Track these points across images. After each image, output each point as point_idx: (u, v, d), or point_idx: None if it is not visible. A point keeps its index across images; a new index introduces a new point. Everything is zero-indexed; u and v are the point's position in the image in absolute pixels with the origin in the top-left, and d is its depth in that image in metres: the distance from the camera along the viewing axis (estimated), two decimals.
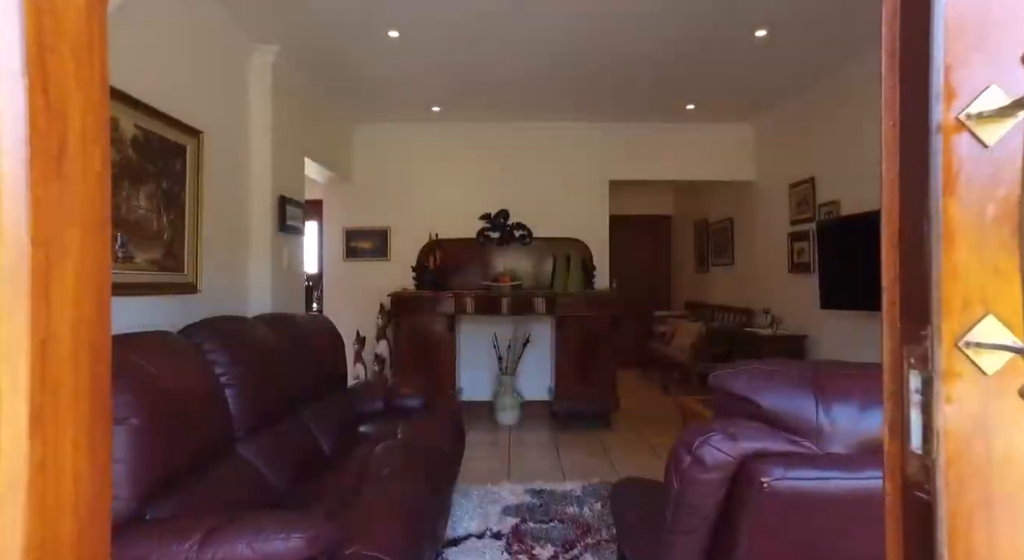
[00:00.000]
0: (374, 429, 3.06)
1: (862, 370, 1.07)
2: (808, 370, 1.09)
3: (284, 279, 3.77)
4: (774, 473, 0.95)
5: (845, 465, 0.96)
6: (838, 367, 1.09)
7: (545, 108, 5.01)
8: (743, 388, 1.06)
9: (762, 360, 1.15)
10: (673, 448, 1.09)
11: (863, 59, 3.76)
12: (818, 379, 1.04)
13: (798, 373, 1.07)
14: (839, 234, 3.91)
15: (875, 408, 1.01)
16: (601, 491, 3.34)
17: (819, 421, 1.00)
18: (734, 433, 1.01)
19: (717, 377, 1.12)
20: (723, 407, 1.12)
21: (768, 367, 1.09)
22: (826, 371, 1.07)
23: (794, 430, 1.01)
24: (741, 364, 1.14)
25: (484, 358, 5.43)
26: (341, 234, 5.56)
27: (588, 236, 5.45)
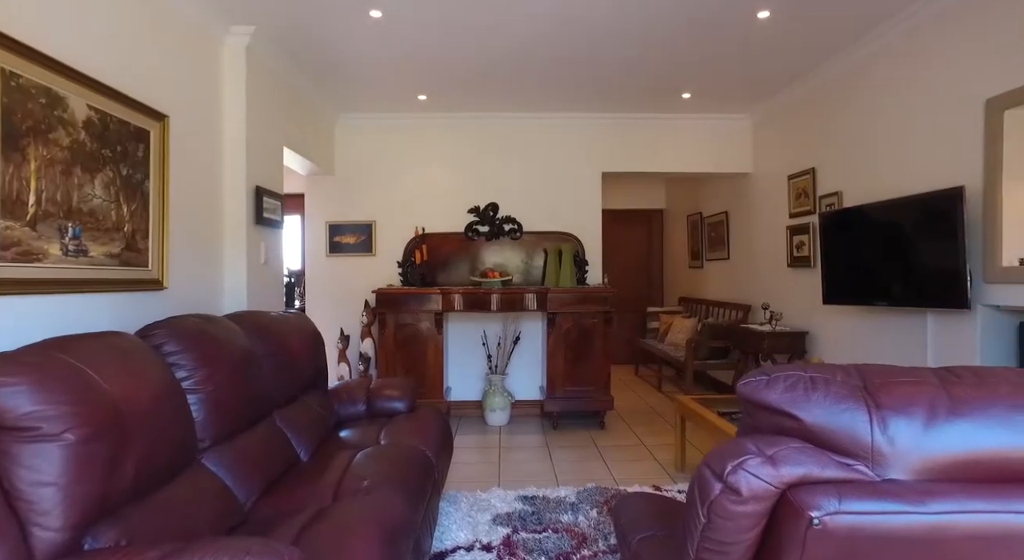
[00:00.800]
0: (355, 434, 2.88)
1: (918, 376, 0.90)
2: (855, 376, 0.92)
3: (262, 275, 3.57)
4: (825, 505, 0.79)
5: (910, 496, 0.79)
6: (889, 373, 0.92)
7: (536, 97, 4.82)
8: (780, 399, 0.89)
9: (794, 364, 0.98)
10: (698, 473, 0.92)
11: (869, 40, 3.61)
12: (870, 387, 0.88)
13: (844, 380, 0.91)
14: (842, 227, 3.77)
15: (943, 424, 0.85)
16: (596, 497, 3.18)
17: (875, 440, 0.84)
18: (774, 456, 0.84)
19: (748, 386, 0.95)
20: (753, 421, 0.95)
21: (808, 373, 0.92)
22: (878, 378, 0.90)
23: (844, 451, 0.85)
24: (772, 369, 0.97)
25: (473, 357, 5.25)
26: (324, 228, 5.36)
27: (580, 230, 5.28)
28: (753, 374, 0.97)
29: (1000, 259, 2.79)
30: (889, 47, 3.52)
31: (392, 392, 3.29)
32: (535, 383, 5.26)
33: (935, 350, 3.18)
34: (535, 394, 5.23)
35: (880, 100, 3.61)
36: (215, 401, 1.97)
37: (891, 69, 3.52)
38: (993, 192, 2.81)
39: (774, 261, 4.89)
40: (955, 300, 2.92)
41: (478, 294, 4.75)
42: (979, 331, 2.92)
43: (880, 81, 3.61)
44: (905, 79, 3.40)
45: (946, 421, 0.83)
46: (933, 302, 3.07)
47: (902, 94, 3.43)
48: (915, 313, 3.31)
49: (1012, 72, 2.74)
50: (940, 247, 3.02)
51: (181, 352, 1.95)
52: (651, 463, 3.85)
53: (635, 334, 7.32)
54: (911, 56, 3.35)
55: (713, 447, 2.98)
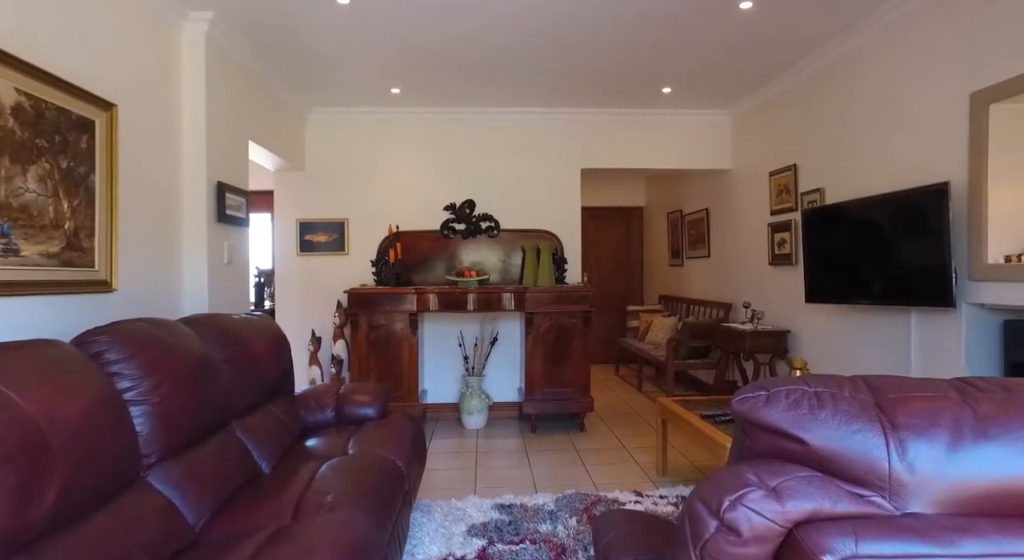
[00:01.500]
0: (323, 443, 2.73)
1: (936, 390, 0.80)
2: (864, 390, 0.81)
3: (225, 275, 3.39)
4: (840, 548, 0.67)
5: (938, 534, 0.68)
6: (902, 386, 0.81)
7: (514, 91, 4.69)
8: (782, 419, 0.78)
9: (798, 376, 0.86)
10: (689, 508, 0.80)
11: (852, 33, 3.54)
12: (883, 404, 0.77)
13: (852, 394, 0.79)
14: (824, 224, 3.71)
15: (970, 447, 0.74)
16: (576, 504, 3.07)
17: (892, 467, 0.73)
18: (778, 488, 0.72)
19: (745, 403, 0.83)
20: (751, 443, 0.83)
21: (812, 387, 0.81)
22: (890, 392, 0.79)
23: (858, 480, 0.73)
24: (770, 382, 0.85)
25: (449, 358, 5.11)
26: (294, 226, 5.17)
27: (559, 228, 5.17)
28: (750, 389, 0.85)
29: (985, 256, 2.73)
30: (872, 41, 3.45)
31: (362, 397, 3.14)
32: (513, 385, 5.14)
33: (919, 349, 3.12)
34: (513, 396, 5.10)
35: (863, 95, 3.55)
36: (163, 413, 1.81)
37: (874, 63, 3.46)
38: (978, 188, 2.76)
39: (755, 259, 4.82)
40: (940, 298, 2.86)
41: (454, 294, 4.61)
42: (964, 329, 2.87)
43: (863, 75, 3.55)
44: (888, 73, 3.34)
45: (973, 444, 0.73)
46: (918, 300, 3.01)
47: (885, 88, 3.37)
48: (899, 312, 3.26)
49: (997, 66, 2.68)
50: (924, 244, 2.96)
51: (125, 360, 1.78)
52: (632, 466, 3.75)
53: (615, 333, 7.24)
54: (894, 50, 3.30)
55: (695, 444, 2.86)
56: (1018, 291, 2.61)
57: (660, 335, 5.85)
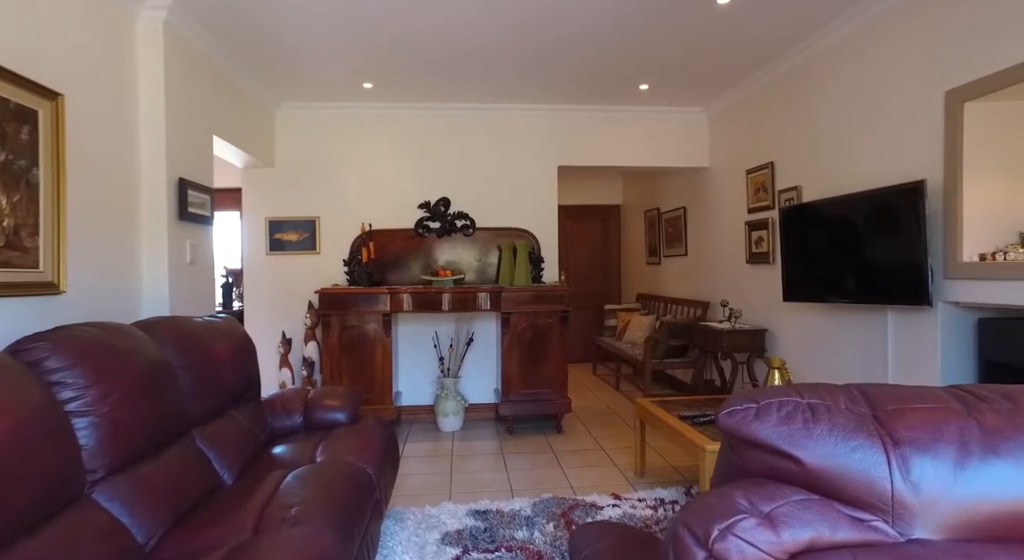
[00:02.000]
0: (290, 450, 2.61)
1: (936, 400, 0.73)
2: (860, 401, 0.74)
3: (188, 276, 3.25)
4: None
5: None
6: (900, 396, 0.75)
7: (489, 87, 4.60)
8: (774, 434, 0.71)
9: (788, 385, 0.80)
10: (673, 535, 0.72)
11: (828, 30, 3.53)
12: (881, 416, 0.70)
13: (848, 406, 0.73)
14: (802, 222, 3.69)
15: (978, 464, 0.68)
16: (553, 508, 3.00)
17: (895, 487, 0.66)
18: (772, 515, 0.66)
19: (733, 417, 0.76)
20: (740, 460, 0.76)
21: (805, 399, 0.74)
22: (888, 403, 0.73)
23: (857, 502, 0.67)
24: (758, 393, 0.78)
25: (424, 360, 5.01)
26: (264, 225, 5.01)
27: (536, 226, 5.10)
28: (737, 400, 0.78)
29: (960, 254, 2.73)
30: (848, 38, 3.44)
31: (332, 402, 3.02)
32: (490, 386, 5.06)
33: (895, 347, 3.12)
34: (490, 397, 5.02)
35: (839, 92, 3.54)
36: (111, 424, 1.68)
37: (850, 61, 3.44)
38: (954, 186, 2.75)
39: (733, 257, 4.81)
40: (916, 297, 2.85)
41: (429, 294, 4.50)
42: (939, 328, 2.86)
43: (839, 73, 3.54)
44: (865, 71, 3.33)
45: (982, 461, 0.67)
46: (894, 299, 3.00)
47: (862, 86, 3.36)
48: (875, 310, 3.25)
49: (971, 64, 2.68)
50: (901, 243, 2.95)
51: (67, 368, 1.66)
52: (610, 469, 3.70)
53: (592, 332, 7.20)
54: (871, 47, 3.28)
55: (673, 445, 2.79)
56: (992, 289, 2.61)
57: (638, 334, 5.82)
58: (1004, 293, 2.55)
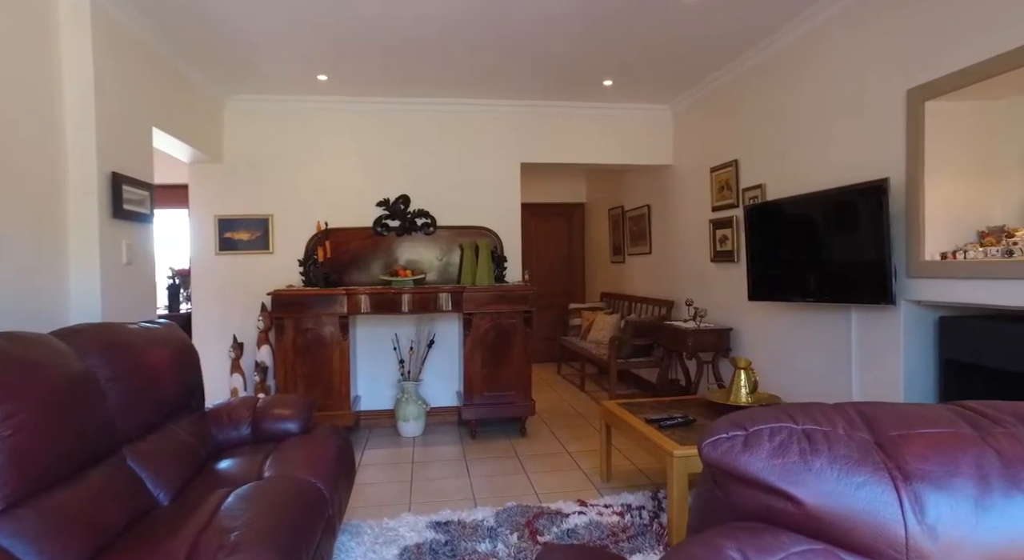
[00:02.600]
0: (235, 465, 2.43)
1: (943, 423, 0.65)
2: (859, 424, 0.65)
3: (124, 278, 3.02)
4: None
5: None
6: (902, 418, 0.66)
7: (449, 82, 4.46)
8: (767, 469, 0.61)
9: (778, 407, 0.70)
10: None
11: (791, 27, 3.51)
12: (885, 444, 0.61)
13: (848, 432, 0.64)
14: (766, 220, 3.67)
15: (1002, 501, 0.59)
16: (517, 517, 2.90)
17: (909, 532, 0.57)
18: None
19: (718, 447, 0.66)
20: (727, 496, 0.66)
21: (800, 425, 0.65)
22: (891, 427, 0.64)
23: (866, 550, 0.57)
24: (746, 417, 0.69)
25: (384, 363, 4.84)
26: (213, 223, 4.76)
27: (498, 224, 4.98)
28: (723, 426, 0.68)
29: (923, 253, 2.73)
30: (811, 35, 3.43)
31: (283, 411, 2.85)
32: (452, 389, 4.92)
33: (859, 346, 3.11)
34: (452, 400, 4.89)
35: (803, 90, 3.52)
36: (14, 450, 1.49)
37: (813, 58, 3.43)
38: (916, 185, 2.75)
39: (697, 256, 4.79)
40: (880, 296, 2.84)
41: (388, 294, 4.34)
42: (902, 327, 2.86)
43: (803, 71, 3.52)
44: (828, 68, 3.32)
45: (1006, 497, 0.58)
46: (858, 298, 2.99)
47: (825, 84, 3.34)
48: (840, 309, 3.24)
49: (932, 62, 2.67)
50: (865, 241, 2.94)
51: None
52: (575, 473, 3.61)
53: (557, 331, 7.13)
54: (833, 45, 3.27)
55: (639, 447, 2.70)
56: (953, 288, 2.61)
57: (602, 333, 5.76)
58: (964, 292, 2.56)
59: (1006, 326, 2.47)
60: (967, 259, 2.57)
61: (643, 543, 2.62)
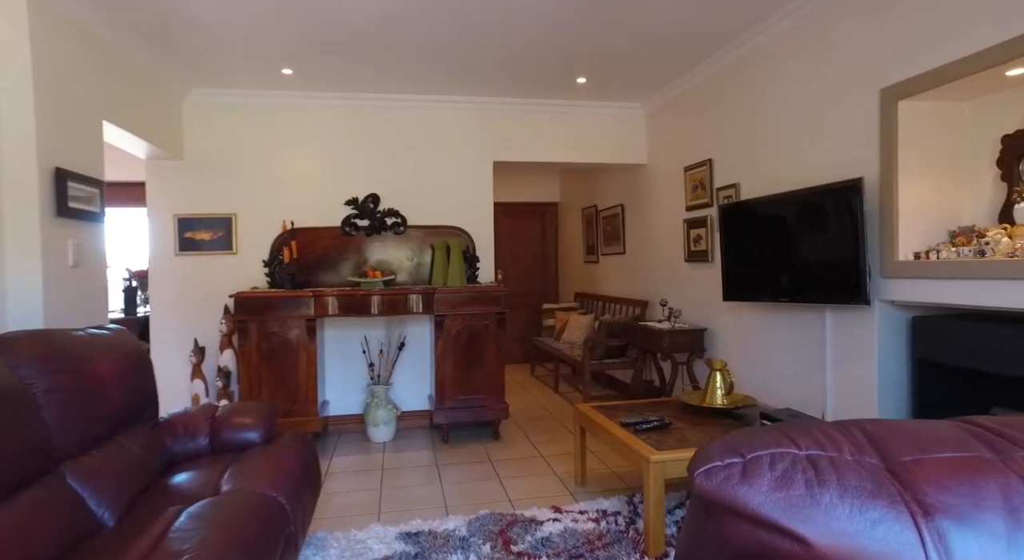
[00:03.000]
0: (191, 479, 2.29)
1: (959, 445, 0.58)
2: (867, 448, 0.58)
3: (70, 280, 2.84)
4: None
5: None
6: (911, 437, 0.59)
7: (419, 77, 4.34)
8: (770, 503, 0.53)
9: (776, 429, 0.62)
10: None
11: (766, 26, 3.48)
12: (899, 472, 0.54)
13: (856, 458, 0.56)
14: (740, 220, 3.65)
15: None
16: (490, 526, 2.81)
17: None
18: None
19: (711, 476, 0.58)
20: (718, 531, 0.58)
21: (803, 450, 0.57)
22: (903, 451, 0.57)
23: None
24: (740, 439, 0.61)
25: (353, 366, 4.70)
26: (172, 222, 4.56)
27: (470, 224, 4.88)
28: (717, 452, 0.60)
29: (897, 253, 2.71)
30: (785, 34, 3.41)
31: (244, 420, 2.71)
32: (423, 392, 4.81)
33: (833, 347, 3.10)
34: (423, 404, 4.77)
35: (777, 88, 3.50)
36: None
37: (787, 57, 3.41)
38: (889, 184, 2.73)
39: (671, 256, 4.75)
40: (855, 296, 2.82)
41: (356, 296, 4.21)
42: (876, 327, 2.85)
43: (776, 69, 3.50)
44: (802, 67, 3.30)
45: None
46: (833, 298, 2.97)
47: (799, 82, 3.32)
48: (814, 309, 3.23)
49: (905, 62, 2.66)
50: (839, 241, 2.92)
51: None
52: (549, 478, 3.54)
53: (530, 332, 7.06)
54: (808, 43, 3.25)
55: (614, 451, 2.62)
56: (927, 288, 2.60)
57: (576, 334, 5.70)
58: (937, 292, 2.55)
59: (977, 326, 2.47)
60: (940, 259, 2.56)
61: (619, 551, 2.55)
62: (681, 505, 2.99)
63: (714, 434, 2.77)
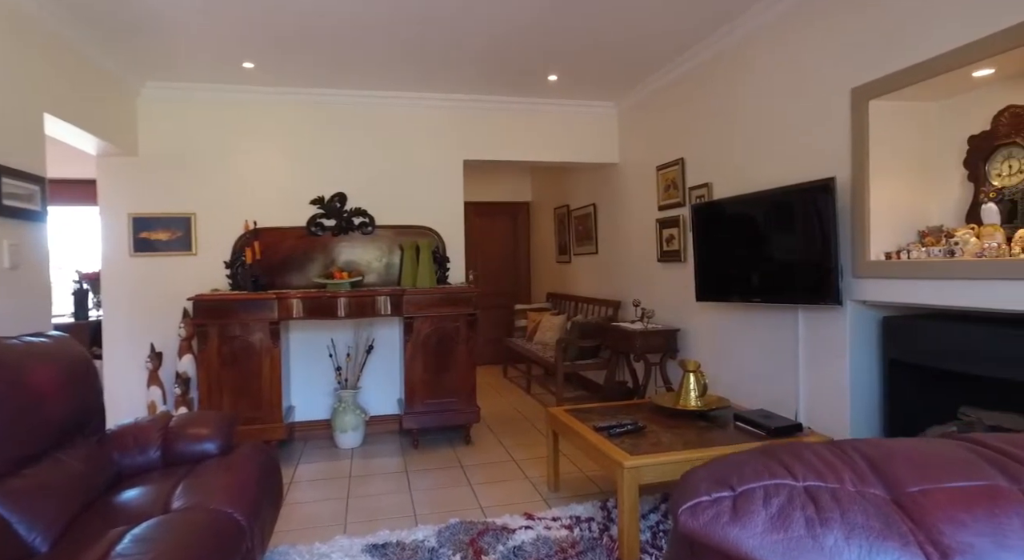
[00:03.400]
0: (140, 495, 2.15)
1: (970, 471, 0.52)
2: (870, 478, 0.51)
3: (8, 284, 2.66)
4: None
5: None
6: (916, 463, 0.53)
7: (387, 73, 4.22)
8: (764, 548, 0.46)
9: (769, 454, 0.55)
10: None
11: (738, 24, 3.46)
12: (907, 505, 0.47)
13: (859, 488, 0.49)
14: (712, 220, 3.62)
15: None
16: (460, 536, 2.72)
17: None
18: None
19: (697, 515, 0.50)
20: None
21: (800, 481, 0.50)
22: (908, 480, 0.50)
23: None
24: (729, 468, 0.53)
25: (320, 370, 4.56)
26: (127, 222, 4.35)
27: (441, 224, 4.77)
28: (703, 484, 0.52)
29: (868, 253, 2.71)
30: (757, 33, 3.39)
31: (200, 430, 2.57)
32: (393, 396, 4.69)
33: (806, 347, 3.08)
34: (393, 409, 4.65)
35: (749, 87, 3.48)
36: None
37: (759, 55, 3.39)
38: (861, 184, 2.72)
39: (644, 255, 4.72)
40: (827, 296, 2.81)
41: (322, 298, 4.07)
42: (848, 327, 2.84)
43: (748, 68, 3.48)
44: (774, 66, 3.28)
45: None
46: (805, 298, 2.96)
47: (771, 81, 3.31)
48: (787, 309, 3.21)
49: (877, 61, 2.65)
50: (812, 241, 2.91)
51: None
52: (522, 483, 3.46)
53: (502, 333, 6.97)
54: (780, 42, 3.23)
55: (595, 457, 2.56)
56: (897, 288, 2.59)
57: (549, 334, 5.64)
58: (907, 292, 2.54)
59: (945, 326, 2.47)
60: (911, 259, 2.56)
61: (593, 559, 2.49)
62: (655, 509, 2.95)
63: (689, 437, 2.72)
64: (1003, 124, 2.46)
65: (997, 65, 2.33)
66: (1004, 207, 2.42)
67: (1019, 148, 2.41)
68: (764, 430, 2.72)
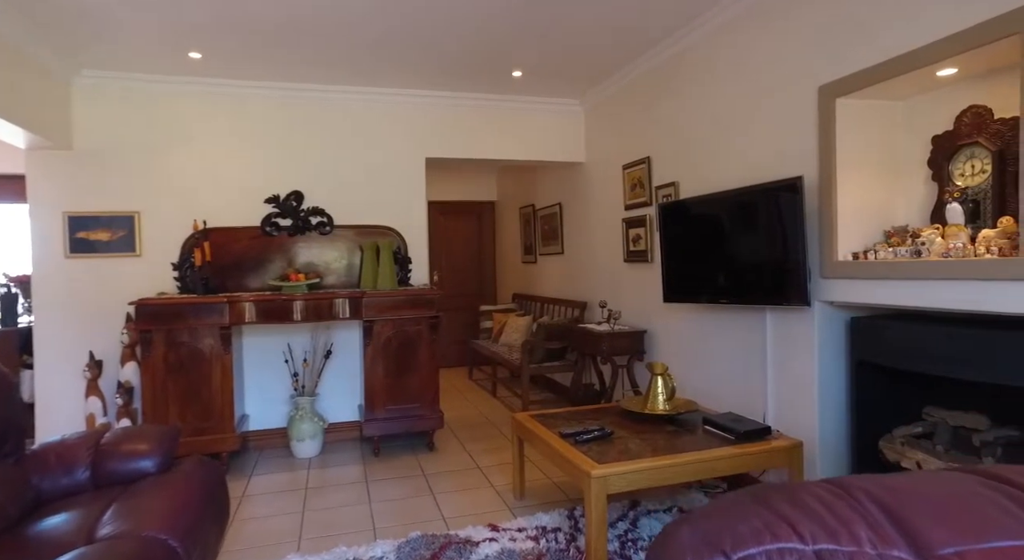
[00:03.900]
0: (62, 522, 1.96)
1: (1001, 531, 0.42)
2: (892, 535, 0.42)
3: None
4: None
5: None
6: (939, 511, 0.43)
7: (343, 66, 4.04)
8: None
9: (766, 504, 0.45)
10: None
11: (704, 20, 3.40)
12: None
13: (880, 549, 0.40)
14: (679, 219, 3.56)
15: None
16: (422, 551, 2.58)
17: None
18: None
19: None
20: None
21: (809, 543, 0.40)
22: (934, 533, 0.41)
23: None
24: (723, 526, 0.43)
25: (275, 376, 4.35)
26: (61, 221, 4.06)
27: (402, 223, 4.61)
28: (690, 548, 0.42)
29: (836, 253, 2.67)
30: (723, 28, 3.33)
31: (136, 446, 2.37)
32: (353, 402, 4.51)
33: (774, 348, 3.04)
34: (353, 415, 4.48)
35: (715, 85, 3.43)
36: None
37: (725, 52, 3.34)
38: (828, 183, 2.68)
39: (610, 256, 4.65)
40: (795, 297, 2.77)
41: (277, 302, 3.87)
42: (816, 328, 2.80)
43: (714, 65, 3.43)
44: (740, 63, 3.23)
45: None
46: (773, 299, 2.91)
47: (737, 79, 3.26)
48: (755, 310, 3.17)
49: (843, 59, 2.62)
50: (780, 241, 2.86)
51: None
52: (487, 491, 3.34)
53: (467, 334, 6.84)
54: (745, 39, 3.19)
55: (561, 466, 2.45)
56: (864, 288, 2.56)
57: (514, 336, 5.53)
58: (876, 292, 2.51)
59: (909, 326, 2.44)
60: (878, 259, 2.53)
61: None
62: (624, 517, 2.86)
63: (657, 443, 2.64)
64: (965, 124, 2.44)
65: (960, 65, 2.31)
66: (967, 207, 2.41)
67: (981, 148, 2.40)
68: (733, 434, 2.66)
